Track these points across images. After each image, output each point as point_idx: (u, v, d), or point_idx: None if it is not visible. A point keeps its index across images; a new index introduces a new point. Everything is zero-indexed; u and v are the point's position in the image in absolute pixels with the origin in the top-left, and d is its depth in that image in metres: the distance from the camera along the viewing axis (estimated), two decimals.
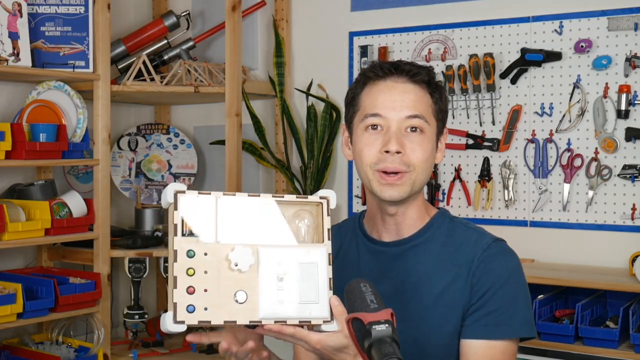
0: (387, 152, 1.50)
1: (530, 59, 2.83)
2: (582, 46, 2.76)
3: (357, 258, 1.62)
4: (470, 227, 1.61)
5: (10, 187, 2.92)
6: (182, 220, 1.28)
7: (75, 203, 2.85)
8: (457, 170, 3.01)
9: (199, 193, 1.30)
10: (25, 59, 2.74)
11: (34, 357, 2.73)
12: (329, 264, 1.34)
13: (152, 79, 3.07)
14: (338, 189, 3.28)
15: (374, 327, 1.21)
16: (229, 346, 1.37)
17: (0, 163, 2.60)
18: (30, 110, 2.81)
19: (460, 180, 3.01)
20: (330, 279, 1.33)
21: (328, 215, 1.37)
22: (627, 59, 2.67)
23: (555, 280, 2.57)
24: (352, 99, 1.59)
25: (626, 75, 2.69)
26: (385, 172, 1.51)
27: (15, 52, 2.72)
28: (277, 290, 1.29)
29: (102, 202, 2.89)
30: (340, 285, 1.39)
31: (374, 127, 1.53)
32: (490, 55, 2.90)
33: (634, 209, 2.69)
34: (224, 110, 3.04)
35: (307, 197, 1.37)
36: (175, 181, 3.44)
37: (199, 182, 3.58)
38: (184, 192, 1.29)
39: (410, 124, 1.52)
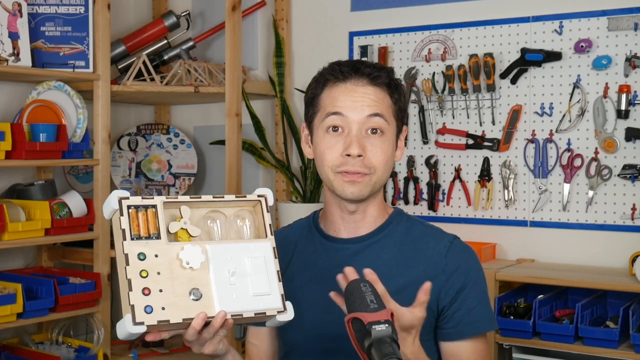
0: (348, 155, 1.52)
1: (530, 59, 2.83)
2: (582, 46, 2.76)
3: (315, 256, 1.63)
4: (427, 225, 1.66)
5: (10, 187, 2.92)
6: (129, 225, 1.30)
7: (75, 203, 2.86)
8: (457, 170, 3.01)
9: (143, 198, 1.34)
10: (25, 59, 2.74)
11: (34, 357, 2.73)
12: (275, 257, 1.39)
13: (152, 79, 3.07)
14: None
15: (373, 327, 1.21)
16: (195, 328, 1.33)
17: (0, 163, 2.60)
18: (30, 110, 2.81)
19: (460, 180, 3.01)
20: (278, 271, 1.38)
21: (268, 211, 1.42)
22: (627, 59, 2.67)
23: (555, 280, 2.57)
24: (312, 99, 1.62)
25: (626, 75, 2.69)
26: (347, 172, 1.54)
27: (15, 52, 2.72)
28: (230, 285, 1.33)
29: (102, 202, 2.88)
30: (299, 287, 1.40)
31: (335, 128, 1.55)
32: (490, 55, 2.90)
33: (634, 209, 2.69)
34: (224, 110, 3.04)
35: (245, 196, 1.43)
36: (175, 181, 3.44)
37: (199, 182, 3.58)
38: (127, 197, 1.33)
39: (370, 124, 1.54)
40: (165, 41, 3.31)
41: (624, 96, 2.67)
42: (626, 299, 2.54)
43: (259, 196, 1.43)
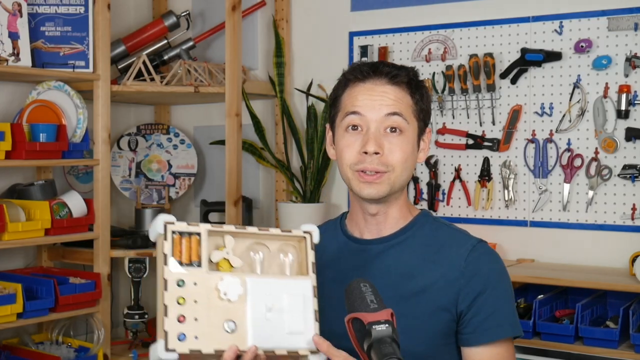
0: (365, 152, 1.53)
1: (530, 59, 2.83)
2: (582, 46, 2.76)
3: (338, 256, 1.63)
4: (452, 227, 1.64)
5: (10, 187, 2.92)
6: (172, 250, 1.30)
7: (75, 203, 2.86)
8: (457, 170, 3.01)
9: (188, 224, 1.33)
10: (25, 59, 2.74)
11: (34, 357, 2.73)
12: (315, 296, 1.38)
13: (152, 79, 3.07)
14: (338, 189, 3.28)
15: (373, 327, 1.21)
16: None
17: (0, 163, 2.60)
18: (30, 110, 2.81)
19: (460, 180, 3.00)
20: (316, 310, 1.37)
21: (312, 249, 1.42)
22: (627, 59, 2.67)
23: (555, 280, 2.57)
24: (335, 100, 1.63)
25: (626, 75, 2.69)
26: (364, 172, 1.54)
27: (15, 52, 2.72)
28: (266, 320, 1.33)
29: (102, 202, 2.89)
30: (320, 285, 1.42)
31: (354, 127, 1.55)
32: (490, 55, 2.90)
33: (634, 209, 2.69)
34: (224, 110, 3.04)
35: (291, 231, 1.42)
36: (175, 181, 3.44)
37: (198, 182, 3.58)
38: (173, 222, 1.32)
39: (389, 123, 1.54)
40: (165, 41, 3.31)
41: (624, 96, 2.67)
42: (626, 299, 2.54)
43: (304, 232, 1.42)
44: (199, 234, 1.33)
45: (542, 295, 2.62)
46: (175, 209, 3.61)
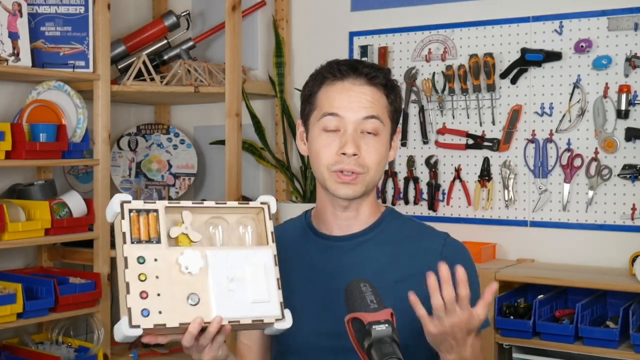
0: (343, 154, 1.53)
1: (530, 59, 2.83)
2: (582, 46, 2.76)
3: (309, 255, 1.63)
4: (418, 222, 1.67)
5: (10, 187, 2.92)
6: (130, 228, 1.31)
7: (75, 203, 2.85)
8: (457, 170, 3.01)
9: (145, 202, 1.34)
10: (25, 59, 2.74)
11: (34, 357, 2.73)
12: (275, 265, 1.39)
13: (152, 79, 3.07)
14: None
15: (373, 327, 1.21)
16: (192, 333, 1.32)
17: (0, 163, 2.60)
18: (30, 110, 2.81)
19: (460, 180, 3.00)
20: (278, 279, 1.38)
21: (270, 219, 1.43)
22: (627, 59, 2.67)
23: (555, 280, 2.57)
24: (309, 97, 1.62)
25: (626, 75, 2.69)
26: (341, 172, 1.55)
27: (15, 52, 2.72)
28: (229, 291, 1.33)
29: (102, 202, 2.89)
30: (291, 283, 1.43)
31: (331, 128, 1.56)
32: (490, 55, 2.90)
33: (634, 209, 2.69)
34: (224, 110, 3.04)
35: (248, 203, 1.43)
36: (175, 181, 3.44)
37: (199, 182, 3.58)
38: (129, 201, 1.32)
39: (366, 126, 1.55)
40: (165, 41, 3.31)
41: (624, 96, 2.67)
42: (626, 299, 2.54)
43: (261, 203, 1.43)
44: (156, 211, 1.34)
45: (542, 295, 2.62)
46: None
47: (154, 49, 3.30)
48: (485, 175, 2.95)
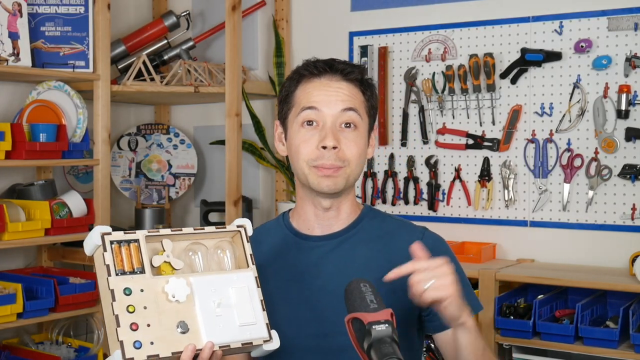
0: (324, 147, 1.54)
1: (530, 59, 2.83)
2: (582, 46, 2.76)
3: (290, 256, 1.63)
4: (396, 218, 1.69)
5: (10, 187, 2.92)
6: (113, 260, 1.30)
7: (75, 203, 2.86)
8: (457, 170, 3.01)
9: (125, 232, 1.34)
10: (25, 59, 2.74)
11: (34, 357, 2.73)
12: (258, 286, 1.40)
13: (152, 79, 3.07)
14: None
15: (373, 327, 1.21)
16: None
17: (0, 163, 2.60)
18: (30, 110, 2.81)
19: (460, 180, 3.00)
20: (262, 300, 1.39)
21: (248, 241, 1.44)
22: (627, 59, 2.67)
23: (555, 280, 2.57)
24: (287, 97, 1.63)
25: (626, 75, 2.69)
26: (322, 166, 1.56)
27: (15, 52, 2.72)
28: (216, 316, 1.34)
29: (102, 202, 2.89)
30: (277, 289, 1.45)
31: (310, 122, 1.57)
32: (490, 55, 2.90)
33: (634, 209, 2.69)
34: (224, 110, 3.04)
35: (225, 227, 1.44)
36: (175, 181, 3.44)
37: (199, 182, 3.58)
38: (110, 233, 1.33)
39: (345, 118, 1.56)
40: (165, 41, 3.31)
41: (624, 96, 2.67)
42: (626, 299, 2.54)
43: (238, 226, 1.44)
44: (137, 241, 1.34)
45: (542, 295, 2.62)
46: (175, 209, 3.61)
47: (154, 49, 3.30)
48: (485, 175, 2.95)
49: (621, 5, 2.70)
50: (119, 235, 1.33)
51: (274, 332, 1.39)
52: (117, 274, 1.30)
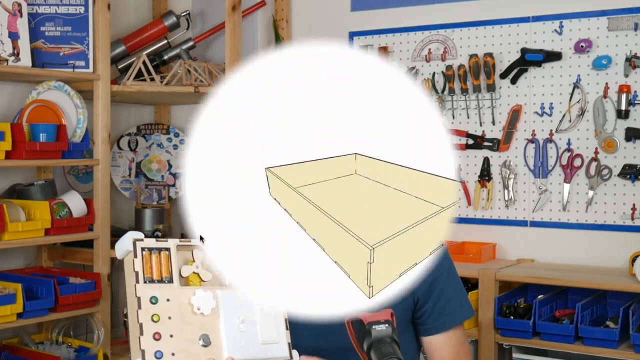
0: None
1: (530, 59, 2.83)
2: (582, 46, 2.76)
3: None
4: None
5: (10, 187, 2.92)
6: (143, 267, 1.31)
7: (75, 203, 2.85)
8: (457, 170, 3.01)
9: (157, 240, 1.33)
10: (25, 59, 2.74)
11: (34, 357, 2.73)
12: None
13: (152, 79, 3.07)
14: None
15: (373, 327, 1.21)
16: None
17: (0, 163, 2.60)
18: (30, 110, 2.81)
19: (460, 180, 3.00)
20: (286, 319, 1.38)
21: None
22: (627, 59, 2.67)
23: (555, 280, 2.57)
24: None
25: (626, 75, 2.69)
26: None
27: (15, 52, 2.72)
28: (239, 332, 1.33)
29: (102, 202, 2.89)
30: None
31: None
32: (490, 55, 2.90)
33: (634, 209, 2.69)
34: None
35: None
36: (175, 181, 3.44)
37: None
38: (142, 239, 1.32)
39: None
40: (165, 41, 3.31)
41: (624, 96, 2.67)
42: (626, 299, 2.54)
43: None
44: (168, 249, 1.34)
45: (542, 295, 2.62)
46: (175, 209, 3.61)
47: (154, 49, 3.30)
48: (485, 175, 2.95)
49: (621, 5, 2.70)
50: (151, 242, 1.33)
51: (295, 352, 1.38)
52: (145, 282, 1.30)
